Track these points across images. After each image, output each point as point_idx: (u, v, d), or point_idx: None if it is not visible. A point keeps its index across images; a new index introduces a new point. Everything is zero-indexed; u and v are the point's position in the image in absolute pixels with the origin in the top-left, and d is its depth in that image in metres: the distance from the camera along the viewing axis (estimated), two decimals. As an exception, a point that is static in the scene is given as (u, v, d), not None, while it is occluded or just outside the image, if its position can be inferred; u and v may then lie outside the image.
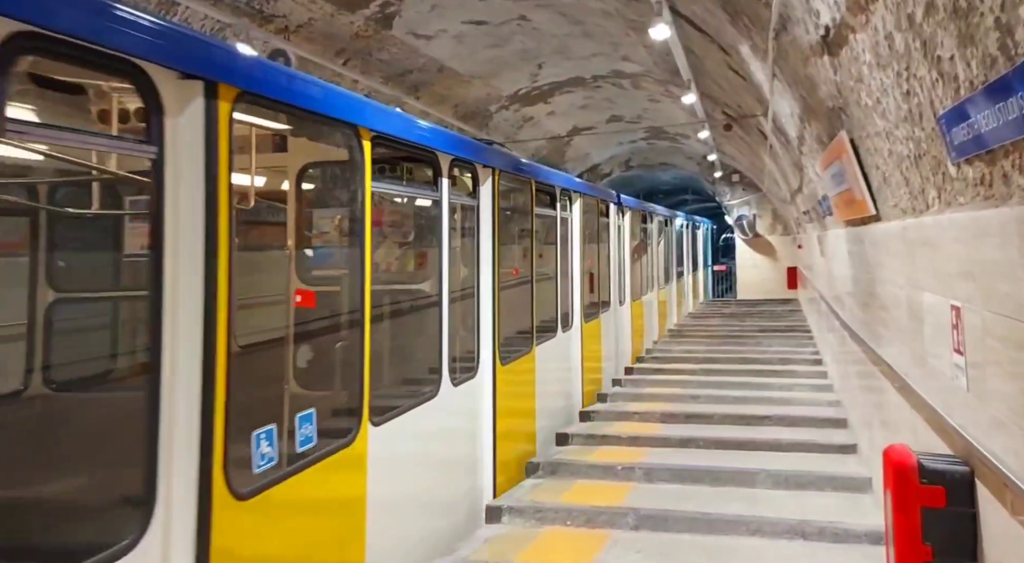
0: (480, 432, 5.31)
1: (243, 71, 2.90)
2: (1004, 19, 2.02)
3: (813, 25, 4.19)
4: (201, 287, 2.59)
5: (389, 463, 3.77)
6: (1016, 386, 2.42)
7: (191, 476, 2.50)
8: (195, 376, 2.53)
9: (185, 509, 2.47)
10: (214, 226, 2.63)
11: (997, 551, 2.73)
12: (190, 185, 2.57)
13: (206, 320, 2.60)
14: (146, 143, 2.46)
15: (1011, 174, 2.28)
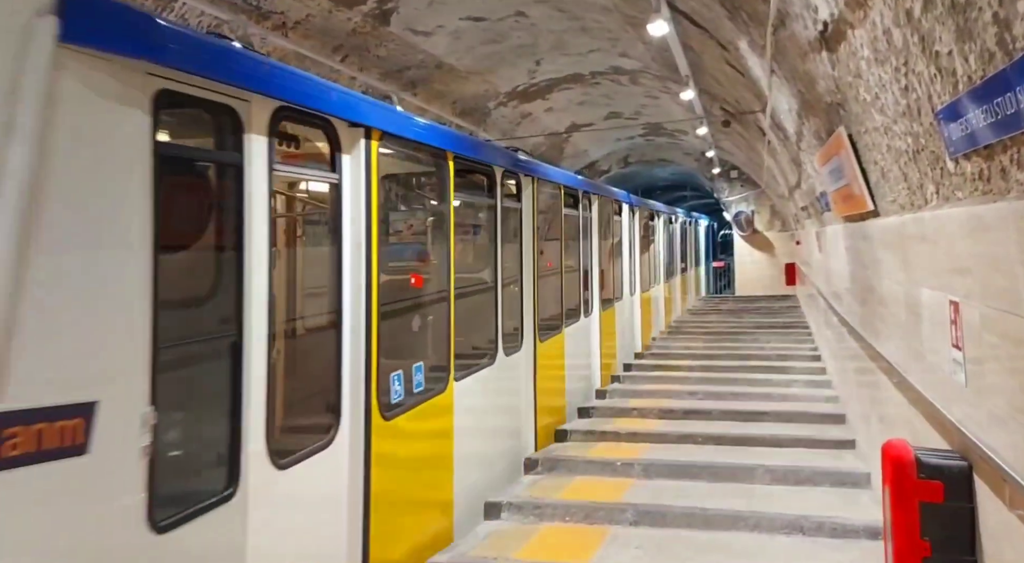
0: (524, 392, 6.39)
1: (384, 118, 4.15)
2: (1002, 14, 2.02)
3: (811, 20, 4.19)
4: (364, 269, 3.80)
5: (466, 407, 5.04)
6: (1014, 381, 2.42)
7: (359, 402, 3.75)
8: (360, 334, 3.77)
9: (357, 422, 3.73)
10: (370, 225, 3.84)
11: (995, 545, 2.74)
12: (357, 197, 3.83)
13: (367, 294, 3.80)
14: (331, 171, 3.76)
15: (1009, 169, 2.28)
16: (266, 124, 3.16)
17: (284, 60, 9.19)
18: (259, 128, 3.11)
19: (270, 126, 3.19)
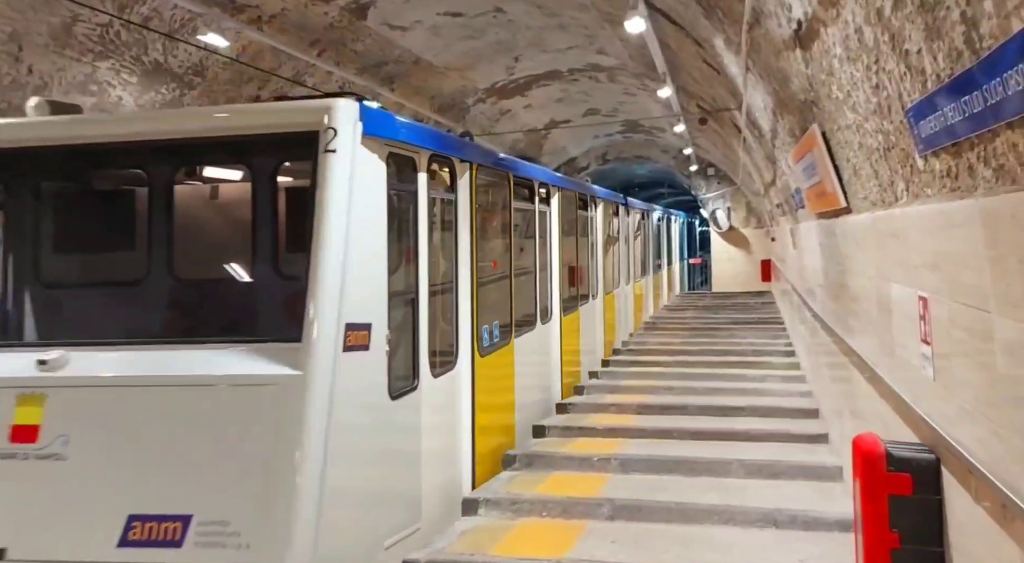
0: (554, 352, 8.35)
1: (480, 154, 6.28)
2: (969, 13, 2.05)
3: (786, 19, 4.22)
4: (468, 257, 5.67)
5: (521, 356, 6.90)
6: (981, 375, 2.47)
7: (467, 344, 5.61)
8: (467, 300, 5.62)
9: (465, 357, 5.59)
10: (473, 227, 5.74)
11: (962, 536, 2.79)
12: (466, 210, 5.70)
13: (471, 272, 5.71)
14: (451, 193, 5.54)
15: (976, 166, 2.32)
16: (426, 165, 5.03)
17: (259, 54, 9.09)
18: (422, 167, 4.98)
19: (427, 166, 5.05)
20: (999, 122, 1.99)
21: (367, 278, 4.13)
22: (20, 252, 4.64)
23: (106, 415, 3.75)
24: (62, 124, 4.53)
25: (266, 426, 3.61)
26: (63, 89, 7.32)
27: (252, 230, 4.56)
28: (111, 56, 7.54)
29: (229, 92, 9.36)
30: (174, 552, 3.44)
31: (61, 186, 5.02)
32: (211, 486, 3.57)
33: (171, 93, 8.55)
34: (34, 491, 3.68)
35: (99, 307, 4.63)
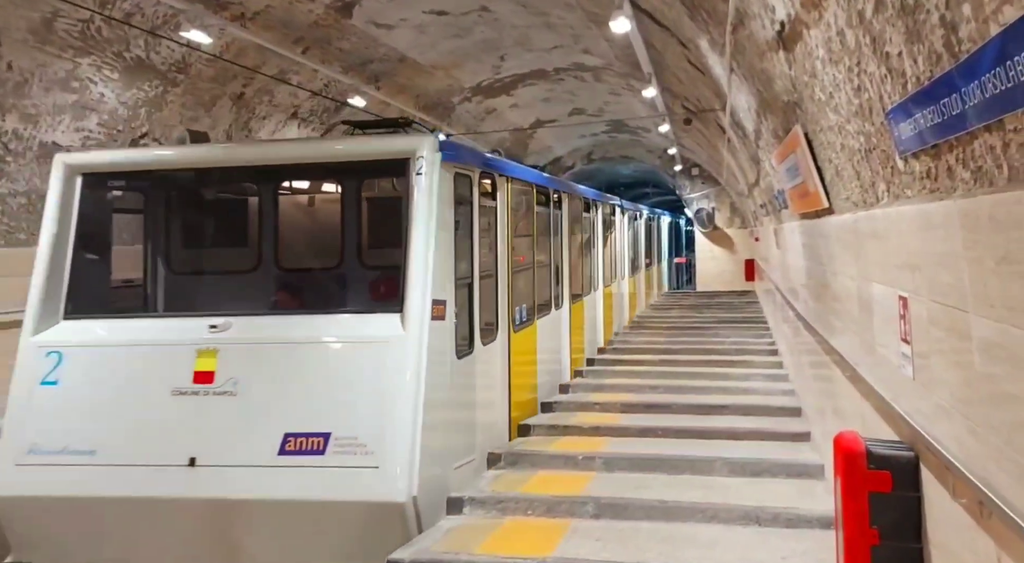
0: (565, 333, 9.33)
1: (512, 169, 7.22)
2: (949, 17, 2.08)
3: (769, 20, 4.26)
4: (506, 252, 6.66)
5: (542, 334, 7.96)
6: (958, 374, 2.50)
7: (505, 321, 6.56)
8: (505, 285, 6.59)
9: (504, 331, 6.55)
10: (509, 227, 6.74)
11: (940, 533, 2.83)
12: (504, 214, 6.66)
13: (508, 264, 6.67)
14: (493, 200, 6.38)
15: (955, 168, 2.35)
16: (477, 180, 6.11)
17: (243, 51, 9.04)
18: (475, 182, 6.05)
19: (476, 181, 6.08)
20: (977, 125, 2.02)
21: (442, 266, 5.29)
22: (156, 248, 6.29)
23: (264, 363, 5.03)
24: (191, 152, 5.92)
25: (381, 370, 4.89)
26: (44, 85, 7.24)
27: (341, 231, 6.38)
28: (93, 52, 7.46)
29: (213, 89, 9.29)
30: (319, 458, 4.69)
31: (189, 197, 6.54)
32: (344, 412, 4.80)
33: (153, 90, 8.47)
34: (213, 417, 4.90)
35: (220, 289, 6.17)
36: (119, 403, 5.04)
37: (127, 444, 4.91)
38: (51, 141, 7.63)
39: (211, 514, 4.76)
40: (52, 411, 5.03)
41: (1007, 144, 1.92)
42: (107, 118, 8.14)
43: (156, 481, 4.77)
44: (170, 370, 5.00)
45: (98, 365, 5.18)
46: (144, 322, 5.66)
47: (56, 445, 4.93)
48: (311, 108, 11.22)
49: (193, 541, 4.85)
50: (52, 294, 5.38)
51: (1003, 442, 2.15)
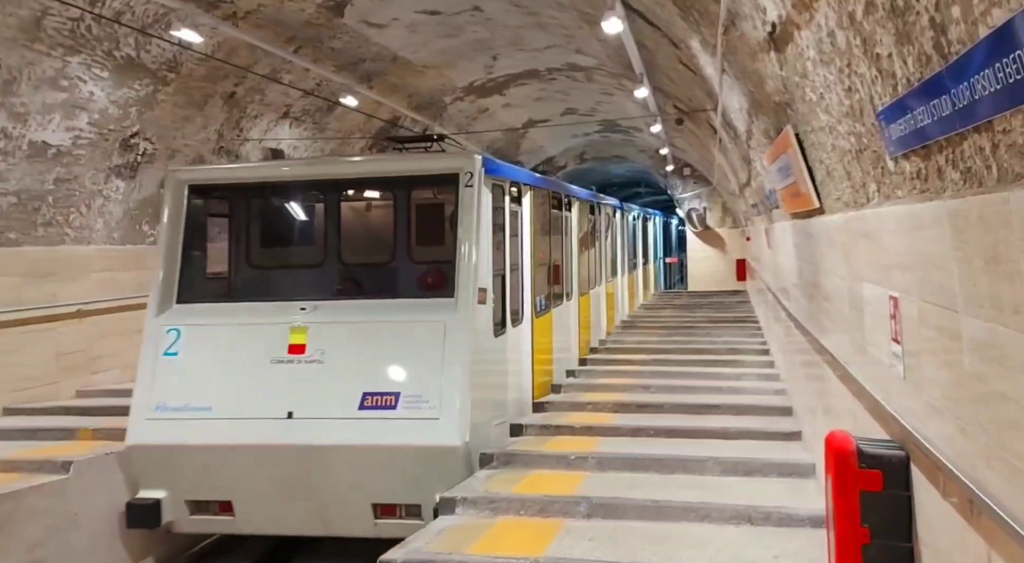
0: (573, 322, 10.24)
1: (534, 180, 8.60)
2: (938, 18, 2.09)
3: (760, 21, 4.27)
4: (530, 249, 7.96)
5: (557, 320, 9.13)
6: (949, 374, 2.52)
7: (529, 307, 7.85)
8: (528, 278, 7.84)
9: (528, 316, 7.84)
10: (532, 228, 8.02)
11: (930, 532, 2.85)
12: (528, 217, 8.01)
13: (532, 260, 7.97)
14: (519, 206, 7.73)
15: (945, 169, 2.37)
16: (509, 189, 7.35)
17: (235, 51, 9.00)
18: (507, 191, 7.31)
19: (508, 190, 7.32)
20: (967, 126, 2.03)
21: (484, 260, 6.47)
22: (238, 247, 7.42)
23: (344, 338, 6.22)
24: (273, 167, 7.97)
25: (438, 343, 6.04)
26: (32, 84, 7.19)
27: (394, 232, 7.27)
28: (82, 51, 7.42)
29: (204, 88, 9.25)
30: (391, 412, 5.87)
31: (266, 204, 7.65)
32: (410, 376, 6.05)
33: (144, 89, 8.43)
34: (305, 380, 6.05)
35: (291, 280, 7.34)
36: (229, 369, 6.27)
37: (236, 402, 6.09)
38: (41, 140, 7.58)
39: (304, 458, 5.90)
40: (174, 376, 6.27)
41: (996, 145, 1.93)
42: (98, 117, 8.09)
43: (261, 431, 5.94)
44: (269, 343, 6.22)
45: (210, 339, 6.43)
46: (241, 305, 6.90)
47: (178, 403, 6.15)
48: (303, 107, 11.19)
49: (287, 480, 5.96)
50: (168, 283, 6.63)
51: (993, 441, 2.16)
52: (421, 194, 7.40)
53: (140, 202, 9.30)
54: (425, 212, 7.52)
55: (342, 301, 6.75)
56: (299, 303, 6.40)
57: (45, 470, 6.06)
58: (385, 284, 7.21)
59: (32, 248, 7.98)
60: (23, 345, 7.92)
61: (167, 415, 6.12)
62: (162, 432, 6.09)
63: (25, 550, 5.55)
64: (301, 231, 7.84)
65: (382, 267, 7.36)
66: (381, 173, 7.44)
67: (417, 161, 7.45)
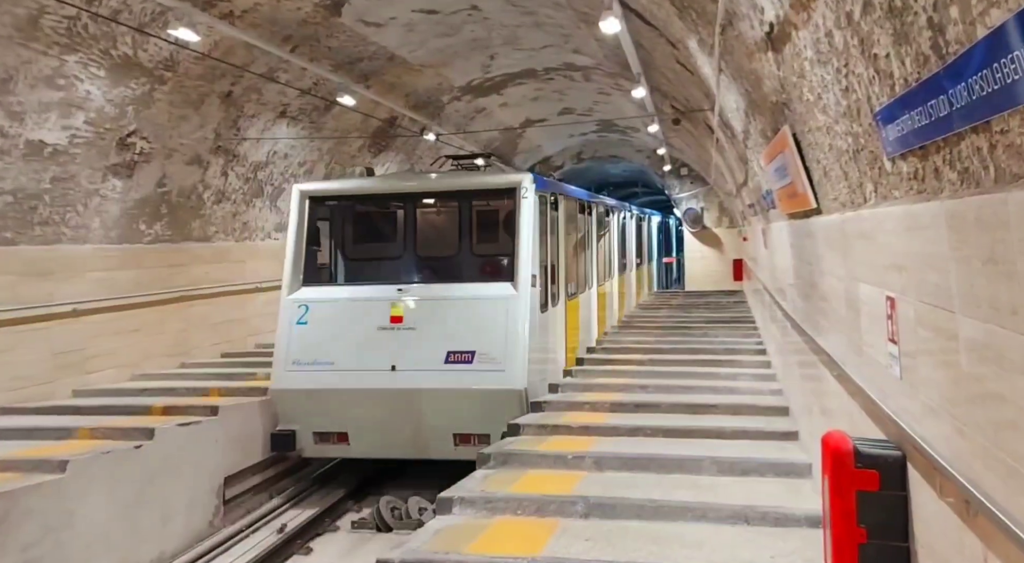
0: (594, 307, 12.36)
1: (566, 190, 10.63)
2: (936, 19, 2.09)
3: (758, 21, 4.27)
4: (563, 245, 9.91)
5: (582, 305, 11.01)
6: (945, 374, 2.52)
7: (563, 292, 9.84)
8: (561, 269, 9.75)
9: (562, 299, 9.78)
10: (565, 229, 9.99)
11: (927, 532, 2.85)
12: (563, 220, 9.94)
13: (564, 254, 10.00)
14: (556, 211, 9.56)
15: (942, 169, 2.37)
16: (549, 199, 9.17)
17: (232, 50, 8.98)
18: (548, 200, 9.03)
19: (550, 200, 9.15)
20: (964, 126, 2.04)
21: (534, 254, 8.30)
22: (337, 243, 9.42)
23: (431, 311, 8.12)
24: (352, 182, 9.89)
25: (503, 315, 8.01)
26: (29, 82, 7.17)
27: (459, 231, 9.14)
28: (79, 49, 7.40)
29: (201, 87, 9.23)
30: (468, 366, 7.81)
31: (346, 210, 9.54)
32: (482, 339, 7.91)
33: (141, 88, 8.41)
34: (403, 342, 7.99)
35: (378, 268, 9.23)
36: (345, 334, 8.21)
37: (352, 358, 8.08)
38: (38, 139, 7.56)
39: (404, 399, 7.91)
40: (304, 339, 8.24)
41: (993, 146, 1.93)
42: (94, 116, 8.07)
43: (371, 379, 7.94)
44: (375, 314, 8.18)
45: (330, 312, 8.37)
46: (351, 287, 8.90)
47: (308, 359, 8.12)
48: (300, 106, 11.17)
49: (390, 416, 7.99)
50: (297, 270, 8.57)
51: (989, 442, 2.16)
52: (479, 202, 9.36)
53: (138, 201, 9.28)
54: (483, 217, 9.63)
55: (424, 284, 8.55)
56: (395, 285, 8.38)
57: (42, 469, 6.05)
58: (452, 272, 8.96)
59: (28, 247, 7.96)
60: (18, 344, 7.90)
61: (300, 368, 8.10)
62: (296, 380, 8.09)
63: (20, 550, 5.54)
64: (386, 230, 9.86)
65: (449, 259, 9.18)
66: (456, 187, 9.21)
67: (483, 177, 9.54)
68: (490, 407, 7.69)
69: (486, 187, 9.20)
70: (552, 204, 9.40)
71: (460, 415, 7.91)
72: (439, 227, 9.75)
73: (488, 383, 7.78)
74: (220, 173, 10.52)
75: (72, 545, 5.97)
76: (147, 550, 6.76)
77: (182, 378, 9.53)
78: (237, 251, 11.51)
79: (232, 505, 8.04)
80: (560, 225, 9.79)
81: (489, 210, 9.63)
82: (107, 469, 6.38)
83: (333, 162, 13.10)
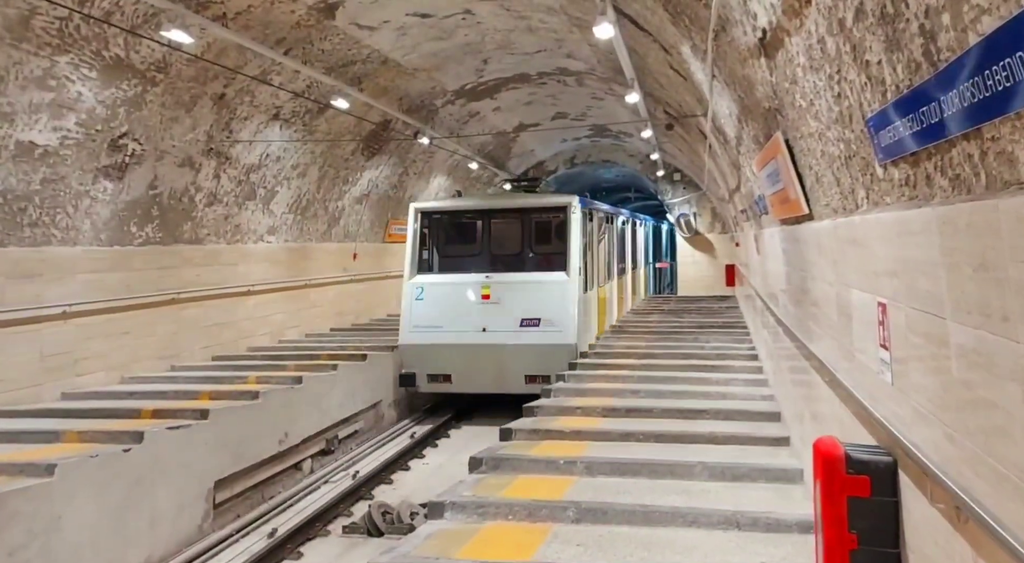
0: (614, 297, 15.43)
1: (598, 206, 14.17)
2: (928, 26, 2.10)
3: (751, 27, 4.28)
4: (594, 247, 13.42)
5: (607, 293, 14.70)
6: (936, 380, 2.52)
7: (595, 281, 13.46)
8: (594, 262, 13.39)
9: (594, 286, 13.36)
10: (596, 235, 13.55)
11: (918, 537, 2.85)
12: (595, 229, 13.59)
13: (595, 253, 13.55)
14: (591, 222, 13.11)
15: (933, 176, 2.38)
16: (588, 212, 12.73)
17: (225, 51, 8.96)
18: (587, 214, 12.63)
19: (586, 213, 12.53)
20: (955, 133, 2.04)
21: (579, 252, 11.63)
22: (435, 244, 12.53)
23: (510, 291, 11.50)
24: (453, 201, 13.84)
25: (560, 294, 11.40)
26: (19, 83, 7.13)
27: (521, 235, 12.32)
28: (70, 50, 7.37)
29: (193, 89, 9.20)
30: (536, 328, 11.25)
31: (448, 221, 12.79)
32: (546, 310, 11.32)
33: (132, 89, 8.38)
34: (491, 312, 11.41)
35: (463, 262, 12.24)
36: (450, 306, 11.63)
37: (455, 322, 11.50)
38: (28, 140, 7.52)
39: (491, 351, 11.29)
40: (421, 310, 11.72)
41: (984, 152, 1.94)
42: (85, 117, 8.03)
43: (469, 337, 11.36)
44: (471, 293, 11.65)
45: (439, 291, 11.81)
46: (452, 274, 12.08)
47: (424, 324, 11.61)
48: (293, 109, 11.15)
49: (482, 362, 11.34)
50: (414, 263, 12.04)
51: (980, 448, 2.16)
52: (537, 216, 12.57)
53: (129, 203, 9.23)
54: (539, 225, 12.72)
55: (502, 273, 11.87)
56: (483, 273, 11.78)
57: (29, 473, 5.99)
58: (518, 264, 12.30)
59: (17, 248, 7.90)
60: (6, 346, 7.84)
61: (419, 330, 11.64)
62: (417, 338, 11.61)
63: (6, 554, 5.49)
64: (468, 235, 13.04)
65: (515, 255, 12.48)
66: (522, 205, 12.68)
67: (541, 198, 13.64)
68: (551, 356, 10.88)
69: (545, 205, 12.68)
70: (588, 217, 12.75)
71: (530, 362, 11.17)
72: (508, 233, 12.80)
73: (550, 340, 11.20)
74: (212, 175, 10.48)
75: (59, 549, 5.92)
76: (135, 554, 6.70)
77: (172, 381, 9.47)
78: (229, 254, 11.47)
79: (222, 509, 7.98)
80: (594, 233, 13.33)
81: (543, 220, 12.73)
82: (95, 473, 6.32)
83: (326, 165, 13.08)
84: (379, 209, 16.01)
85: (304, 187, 12.81)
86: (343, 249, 15.05)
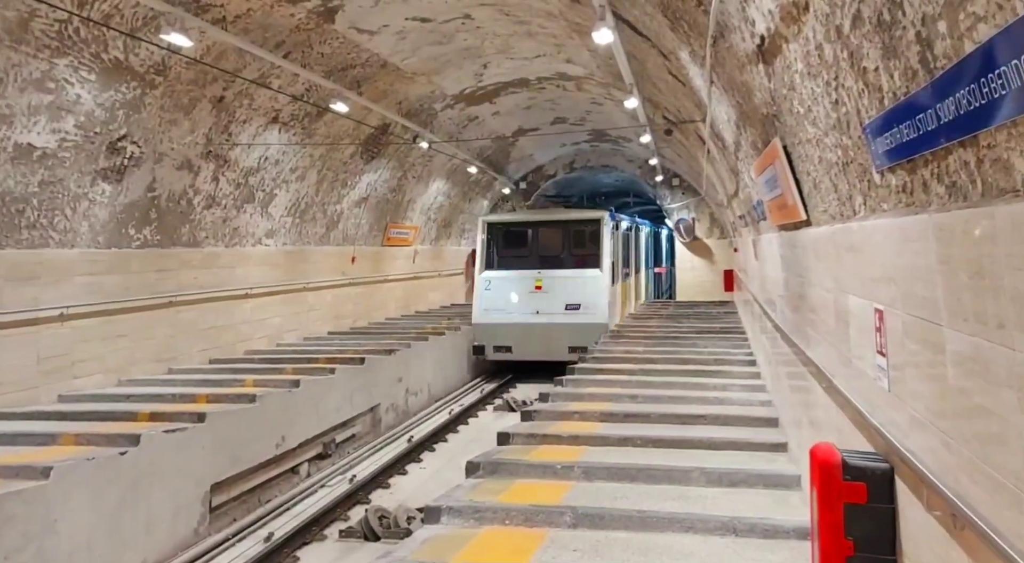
0: (632, 290, 19.87)
1: (622, 218, 18.33)
2: (924, 33, 2.10)
3: (749, 33, 4.29)
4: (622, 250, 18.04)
5: (627, 288, 18.85)
6: (933, 387, 2.52)
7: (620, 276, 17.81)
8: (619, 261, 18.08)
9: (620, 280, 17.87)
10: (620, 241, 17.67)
11: (914, 545, 2.84)
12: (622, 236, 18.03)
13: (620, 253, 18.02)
14: (618, 231, 17.39)
15: (930, 183, 2.38)
16: (616, 223, 17.16)
17: (223, 55, 8.97)
18: (616, 224, 17.08)
19: (613, 223, 16.61)
20: (952, 140, 2.04)
21: (611, 254, 16.08)
22: (496, 248, 16.48)
23: (556, 281, 15.79)
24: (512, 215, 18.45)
25: (595, 284, 15.65)
26: (18, 85, 7.13)
27: (563, 241, 16.44)
28: (69, 53, 7.37)
29: (192, 92, 9.21)
30: (577, 310, 15.47)
31: (509, 230, 16.65)
32: (584, 297, 15.54)
33: (132, 92, 8.38)
34: (543, 298, 15.67)
35: (516, 262, 16.19)
36: (512, 294, 15.57)
37: (516, 307, 15.50)
38: (26, 142, 7.52)
39: (543, 328, 15.29)
40: (490, 297, 15.67)
41: (981, 160, 1.94)
42: (84, 120, 8.03)
43: (526, 318, 15.40)
44: (528, 284, 15.62)
45: (503, 283, 15.71)
46: (512, 271, 15.75)
47: (493, 308, 15.62)
48: (292, 113, 11.16)
49: (536, 337, 15.27)
50: (483, 261, 16.00)
51: (976, 455, 2.16)
52: (575, 226, 16.23)
53: (127, 206, 9.23)
54: (576, 233, 16.20)
55: (550, 269, 15.64)
56: (535, 270, 15.61)
57: (24, 476, 5.98)
58: (560, 263, 15.86)
59: (15, 250, 7.89)
60: (3, 349, 7.83)
61: (488, 312, 15.50)
62: (487, 318, 15.48)
63: (2, 557, 5.48)
64: (521, 241, 16.44)
65: (557, 256, 16.00)
66: (565, 218, 16.58)
67: (578, 212, 17.34)
68: (588, 332, 14.43)
69: (582, 218, 16.45)
70: (614, 226, 16.43)
71: (572, 336, 14.78)
72: (554, 239, 16.38)
73: (588, 319, 14.97)
74: (211, 178, 10.48)
75: (54, 553, 5.90)
76: (131, 558, 6.68)
77: (169, 384, 9.45)
78: (227, 257, 11.46)
79: (218, 513, 7.96)
80: (619, 239, 16.94)
81: (579, 230, 16.30)
82: (91, 476, 6.31)
83: (325, 168, 13.08)
84: (378, 213, 16.02)
85: (303, 190, 12.81)
86: (342, 253, 15.06)
